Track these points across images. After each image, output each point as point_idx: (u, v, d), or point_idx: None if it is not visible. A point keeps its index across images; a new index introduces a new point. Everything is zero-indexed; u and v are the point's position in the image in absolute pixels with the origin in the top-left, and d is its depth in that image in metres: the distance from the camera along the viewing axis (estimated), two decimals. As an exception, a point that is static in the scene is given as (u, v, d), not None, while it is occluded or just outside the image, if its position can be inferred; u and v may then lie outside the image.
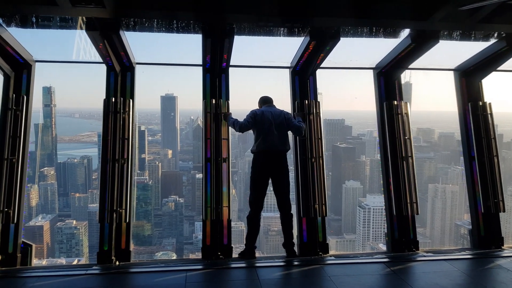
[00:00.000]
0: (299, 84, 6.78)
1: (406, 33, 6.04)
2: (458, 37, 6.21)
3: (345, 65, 7.23)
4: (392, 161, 6.68)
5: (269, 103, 6.21)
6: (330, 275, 5.24)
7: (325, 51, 6.09)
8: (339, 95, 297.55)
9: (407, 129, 6.73)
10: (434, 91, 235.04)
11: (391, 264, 5.73)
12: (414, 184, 6.61)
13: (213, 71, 6.49)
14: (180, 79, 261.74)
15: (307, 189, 6.37)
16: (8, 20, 5.43)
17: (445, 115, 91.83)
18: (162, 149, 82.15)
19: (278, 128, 5.95)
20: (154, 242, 66.08)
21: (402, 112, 6.76)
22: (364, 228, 64.69)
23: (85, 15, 5.14)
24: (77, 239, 60.01)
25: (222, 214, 6.11)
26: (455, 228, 63.37)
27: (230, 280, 5.35)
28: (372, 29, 5.95)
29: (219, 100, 6.40)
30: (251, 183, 6.06)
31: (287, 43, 6.17)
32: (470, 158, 7.07)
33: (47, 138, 72.92)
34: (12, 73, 6.18)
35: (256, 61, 7.45)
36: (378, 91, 7.01)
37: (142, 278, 5.47)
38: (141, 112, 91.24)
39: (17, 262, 5.98)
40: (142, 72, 6.74)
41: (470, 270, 5.76)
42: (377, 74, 7.00)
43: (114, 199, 5.92)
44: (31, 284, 5.00)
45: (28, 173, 6.39)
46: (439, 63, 7.23)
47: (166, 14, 5.35)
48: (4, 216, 5.81)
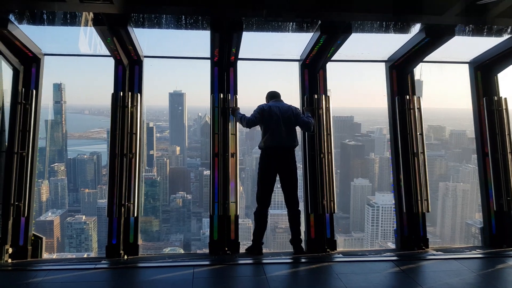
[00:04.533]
0: (309, 78, 6.69)
1: (417, 28, 5.93)
2: (470, 32, 6.09)
3: (356, 58, 7.15)
4: (403, 157, 6.59)
5: (277, 98, 6.16)
6: (337, 273, 5.20)
7: (336, 45, 6.00)
8: (348, 92, 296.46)
9: (419, 124, 6.62)
10: (446, 87, 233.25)
11: (400, 262, 5.68)
12: (425, 181, 6.52)
13: (221, 64, 6.44)
14: (188, 76, 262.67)
15: (315, 185, 6.31)
16: (18, 17, 5.45)
17: (457, 112, 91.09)
18: (170, 145, 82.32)
19: (286, 123, 5.89)
20: (162, 237, 66.35)
21: (415, 107, 6.63)
22: (373, 227, 64.36)
23: (93, 10, 5.13)
24: (86, 234, 60.39)
25: (229, 210, 6.08)
26: (465, 227, 62.86)
27: (237, 276, 5.33)
28: (383, 24, 5.85)
29: (227, 94, 6.36)
30: (259, 179, 6.02)
31: (296, 36, 6.09)
32: (483, 154, 6.95)
33: (58, 135, 73.39)
34: (21, 66, 6.18)
35: (265, 54, 7.40)
36: (390, 85, 6.90)
37: (150, 273, 5.47)
38: (150, 108, 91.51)
39: (28, 255, 6.03)
40: (150, 65, 6.72)
41: (481, 269, 5.68)
42: (389, 68, 6.88)
43: (123, 193, 5.91)
44: (41, 277, 5.03)
45: (38, 168, 6.42)
46: (454, 56, 7.08)
47: (174, 9, 5.33)
48: (15, 209, 5.86)
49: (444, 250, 6.48)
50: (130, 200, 5.93)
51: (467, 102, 7.16)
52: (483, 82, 7.03)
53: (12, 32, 5.42)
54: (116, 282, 5.13)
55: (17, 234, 5.99)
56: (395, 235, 6.78)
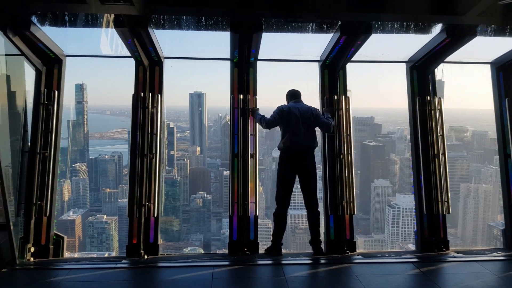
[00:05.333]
0: (329, 78, 6.66)
1: (438, 28, 5.86)
2: (492, 33, 5.99)
3: (377, 58, 7.10)
4: (423, 158, 6.52)
5: (297, 98, 6.14)
6: (357, 274, 5.18)
7: (356, 46, 5.97)
8: (369, 92, 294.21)
9: (440, 125, 6.55)
10: (468, 88, 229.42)
11: (420, 264, 5.61)
12: (446, 183, 6.44)
13: (241, 65, 6.47)
14: (208, 76, 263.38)
15: (335, 186, 6.29)
16: (41, 19, 5.54)
17: (479, 113, 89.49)
18: (191, 146, 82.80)
19: (305, 124, 5.88)
20: (182, 237, 66.74)
21: (436, 108, 6.56)
22: (393, 228, 63.69)
23: (114, 12, 5.20)
24: (107, 234, 61.11)
25: (248, 210, 6.09)
26: (487, 229, 61.75)
27: (256, 277, 5.36)
28: (403, 25, 5.80)
29: (247, 95, 6.37)
30: (278, 180, 6.02)
31: (316, 37, 6.08)
32: (505, 155, 6.83)
33: (79, 135, 74.45)
34: (43, 68, 6.29)
35: (284, 55, 7.38)
36: (410, 86, 6.83)
37: (170, 273, 5.52)
38: (170, 109, 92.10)
39: (50, 254, 6.13)
40: (171, 66, 6.76)
41: (502, 271, 5.61)
42: (410, 68, 6.81)
43: (143, 193, 5.97)
44: (62, 276, 5.11)
45: (60, 168, 6.52)
46: (475, 56, 6.97)
47: (194, 10, 5.34)
48: (37, 208, 5.96)
49: (465, 252, 6.38)
50: (150, 200, 6.00)
51: (488, 103, 7.07)
52: (505, 83, 6.91)
53: (35, 34, 5.52)
54: (136, 282, 5.19)
55: (39, 233, 6.08)
56: (415, 237, 6.70)
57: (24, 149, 6.10)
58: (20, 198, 5.96)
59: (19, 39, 5.59)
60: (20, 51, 5.75)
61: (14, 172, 5.91)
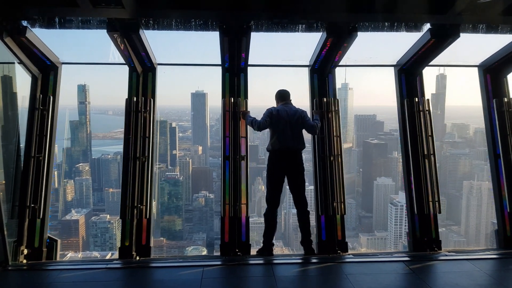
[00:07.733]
0: (318, 82, 6.76)
1: (424, 30, 5.94)
2: (483, 30, 6.03)
3: (365, 62, 7.18)
4: (413, 159, 6.61)
5: (286, 100, 6.20)
6: (347, 273, 5.19)
7: (342, 48, 6.06)
8: (370, 90, 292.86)
9: (428, 126, 6.62)
10: (468, 84, 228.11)
11: (410, 263, 5.63)
12: (436, 183, 6.52)
13: (232, 70, 6.56)
14: (208, 76, 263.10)
15: (325, 187, 6.37)
16: (35, 24, 5.62)
17: (480, 110, 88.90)
18: (193, 145, 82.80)
19: (293, 127, 5.96)
20: (185, 237, 66.80)
21: (424, 109, 6.65)
22: (396, 226, 63.52)
23: (105, 15, 5.29)
24: (110, 233, 61.17)
25: (240, 212, 6.17)
26: (491, 226, 61.52)
27: (246, 276, 5.39)
28: (394, 24, 5.84)
29: (238, 98, 6.45)
30: (267, 181, 6.10)
31: (306, 41, 6.17)
32: (495, 156, 6.90)
33: (82, 135, 74.55)
34: (39, 74, 6.40)
35: (275, 60, 7.51)
36: (399, 89, 6.93)
37: (160, 273, 5.57)
38: (172, 109, 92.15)
39: (43, 256, 6.19)
40: (164, 73, 6.87)
41: (493, 270, 5.62)
42: (398, 71, 6.92)
43: (135, 195, 6.06)
44: (54, 277, 5.19)
45: (64, 168, 6.60)
46: (463, 59, 7.11)
47: (183, 13, 5.43)
48: (31, 211, 6.04)
49: (457, 251, 6.43)
50: (142, 202, 6.08)
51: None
52: (492, 85, 7.00)
53: (31, 40, 5.63)
54: (126, 281, 5.24)
55: (32, 236, 6.15)
56: (407, 238, 6.75)
57: (18, 153, 6.18)
58: (14, 200, 6.03)
59: (15, 45, 5.70)
60: (16, 57, 5.85)
61: (8, 175, 6.00)
